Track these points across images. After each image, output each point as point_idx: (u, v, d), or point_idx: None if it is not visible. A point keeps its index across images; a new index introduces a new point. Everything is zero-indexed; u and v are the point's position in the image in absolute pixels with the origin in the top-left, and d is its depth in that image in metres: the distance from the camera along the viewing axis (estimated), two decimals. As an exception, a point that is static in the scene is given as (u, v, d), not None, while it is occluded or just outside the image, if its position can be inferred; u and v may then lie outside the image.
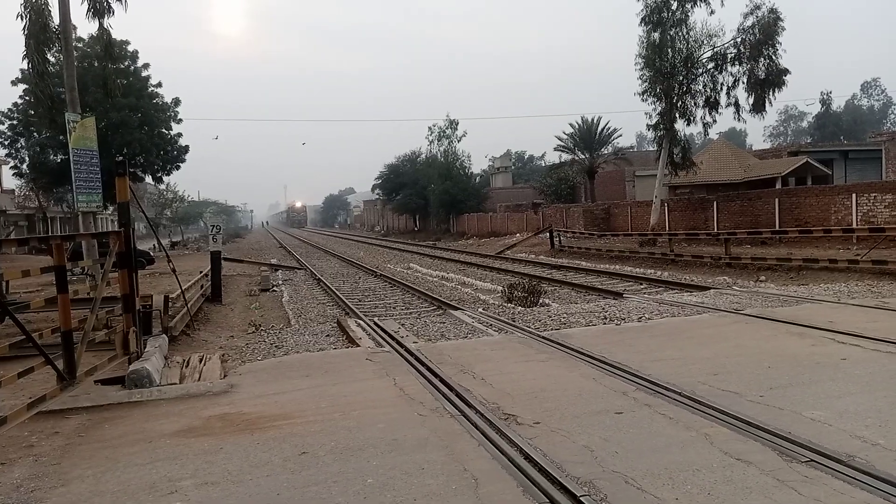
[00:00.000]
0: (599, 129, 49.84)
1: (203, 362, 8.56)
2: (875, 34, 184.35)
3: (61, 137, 24.08)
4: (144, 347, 8.28)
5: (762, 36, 25.97)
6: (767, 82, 26.40)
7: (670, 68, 27.34)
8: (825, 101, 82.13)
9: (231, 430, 5.72)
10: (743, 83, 27.01)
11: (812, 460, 4.42)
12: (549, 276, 20.20)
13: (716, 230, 26.81)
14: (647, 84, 28.12)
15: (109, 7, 18.10)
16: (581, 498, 3.98)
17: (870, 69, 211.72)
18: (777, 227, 24.66)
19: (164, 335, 9.48)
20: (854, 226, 21.62)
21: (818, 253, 19.02)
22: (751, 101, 27.08)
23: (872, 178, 33.67)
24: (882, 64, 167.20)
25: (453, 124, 60.09)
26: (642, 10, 27.43)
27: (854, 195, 22.87)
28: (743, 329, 9.20)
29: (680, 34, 27.36)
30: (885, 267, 14.85)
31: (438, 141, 61.00)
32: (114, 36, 19.90)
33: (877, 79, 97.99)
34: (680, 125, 28.59)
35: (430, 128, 61.80)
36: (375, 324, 10.94)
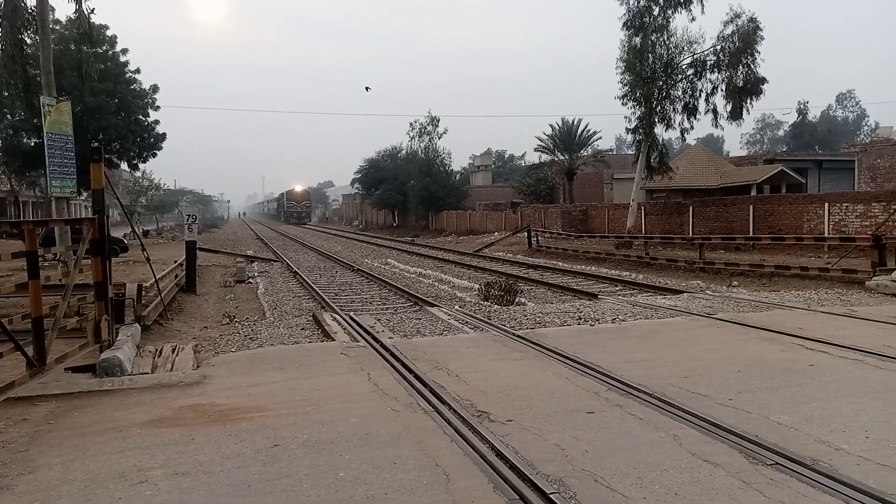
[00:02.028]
0: (579, 131, 50.15)
1: (176, 352, 8.49)
2: (851, 47, 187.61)
3: (35, 121, 23.67)
4: (116, 336, 8.20)
5: (741, 44, 26.30)
6: (745, 90, 26.75)
7: (651, 73, 27.58)
8: (801, 111, 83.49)
9: (203, 421, 5.69)
10: (721, 90, 27.34)
11: (777, 463, 4.51)
12: (525, 275, 20.30)
13: (691, 235, 27.12)
14: (627, 88, 28.32)
15: (87, -11, 17.81)
16: (551, 496, 4.03)
17: (845, 81, 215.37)
18: (751, 234, 25.00)
19: (136, 324, 9.39)
20: (826, 234, 21.99)
21: (790, 260, 19.34)
22: (729, 108, 27.43)
23: (845, 188, 34.30)
24: (857, 76, 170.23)
25: (434, 121, 60.17)
26: (624, 15, 27.62)
27: (826, 204, 23.27)
28: (714, 333, 9.34)
29: (661, 40, 27.60)
30: (854, 276, 15.13)
31: (419, 137, 61.02)
32: (92, 20, 19.61)
33: (852, 90, 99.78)
34: (659, 130, 28.85)
35: (411, 124, 61.79)
36: (351, 318, 10.93)
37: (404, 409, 5.89)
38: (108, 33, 33.90)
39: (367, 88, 36.12)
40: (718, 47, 26.89)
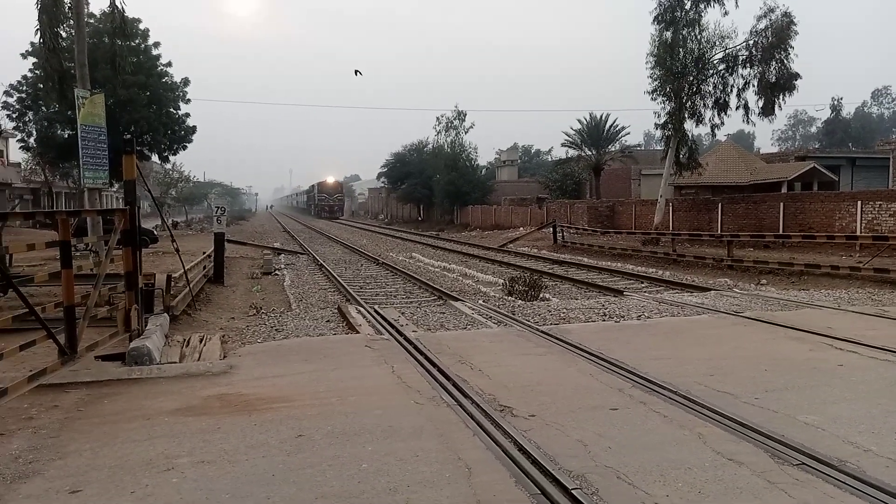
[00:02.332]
0: (607, 126, 49.72)
1: (203, 342, 8.62)
2: (887, 42, 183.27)
3: (69, 113, 24.07)
4: (146, 325, 8.34)
5: (775, 39, 25.86)
6: (778, 86, 26.31)
7: (681, 68, 27.25)
8: (835, 108, 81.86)
9: (229, 411, 5.77)
10: (753, 86, 26.94)
11: (803, 464, 4.46)
12: (550, 270, 20.22)
13: (719, 232, 26.78)
14: (657, 83, 28.02)
15: (122, -17, 18.09)
16: (573, 491, 4.02)
17: (881, 77, 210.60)
18: (781, 232, 24.63)
19: (165, 314, 9.53)
20: (858, 233, 21.59)
21: (820, 259, 19.02)
22: (760, 104, 27.01)
23: (879, 187, 33.58)
24: (894, 72, 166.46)
25: (461, 115, 59.98)
26: (655, 9, 27.32)
27: (859, 202, 22.83)
28: (741, 331, 9.22)
29: (692, 34, 27.27)
30: (886, 275, 14.84)
31: (446, 132, 60.87)
32: (125, 14, 19.90)
33: (888, 87, 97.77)
34: (688, 125, 28.51)
35: (437, 118, 61.68)
36: (376, 311, 10.98)
37: (427, 403, 5.92)
38: (141, 27, 34.38)
39: (356, 72, 35.50)
40: (751, 42, 26.49)
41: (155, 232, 31.08)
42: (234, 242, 28.72)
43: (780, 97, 26.58)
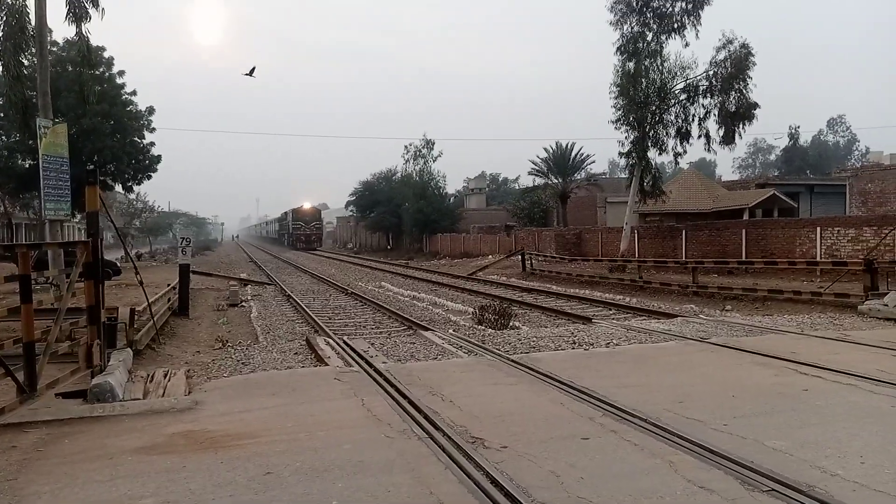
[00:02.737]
0: (573, 154, 50.43)
1: (168, 378, 8.43)
2: (842, 72, 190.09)
3: (31, 142, 23.66)
4: (108, 361, 8.13)
5: (733, 70, 26.62)
6: (738, 115, 27.03)
7: (644, 98, 27.86)
8: (793, 136, 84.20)
9: (195, 448, 5.63)
10: (714, 115, 27.65)
11: (773, 489, 4.49)
12: (519, 298, 20.30)
13: (684, 258, 27.21)
14: (620, 112, 28.59)
15: (87, 13, 17.99)
16: (546, 524, 3.99)
17: (836, 106, 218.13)
18: (744, 258, 25.11)
19: (128, 349, 9.32)
20: (818, 259, 22.11)
21: (783, 284, 19.40)
22: (721, 133, 27.71)
23: (837, 213, 34.55)
24: (848, 101, 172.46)
25: (429, 144, 60.44)
26: (618, 40, 28.00)
27: (818, 229, 23.42)
28: (709, 357, 9.33)
29: (654, 65, 27.95)
30: (846, 300, 15.18)
31: (414, 160, 61.25)
32: (90, 41, 19.74)
33: (842, 115, 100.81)
34: (652, 154, 29.11)
35: (406, 146, 62.01)
36: (345, 342, 10.88)
37: (398, 436, 5.85)
38: (105, 55, 34.08)
39: (251, 72, 34.73)
40: (711, 73, 27.23)
41: (118, 264, 30.49)
42: (199, 273, 28.33)
43: (740, 126, 27.29)
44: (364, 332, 13.97)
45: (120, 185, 38.19)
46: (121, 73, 35.11)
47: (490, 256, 42.03)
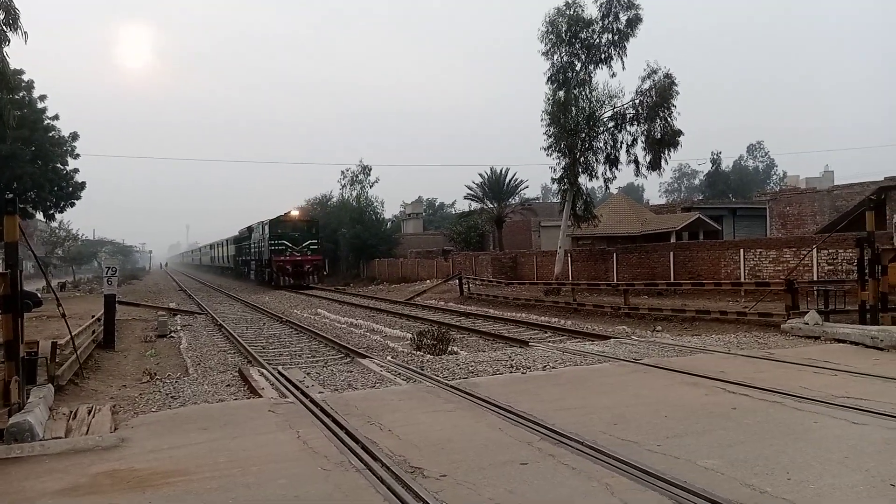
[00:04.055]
0: (507, 179, 51.35)
1: (92, 414, 8.05)
2: (759, 101, 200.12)
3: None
4: (27, 398, 7.71)
5: (658, 99, 27.60)
6: (663, 142, 27.99)
7: (574, 125, 28.61)
8: (715, 161, 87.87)
9: (121, 488, 5.38)
10: (641, 142, 28.54)
11: (705, 509, 4.60)
12: (458, 323, 20.34)
13: (615, 281, 27.86)
14: (552, 139, 29.24)
15: (6, 36, 17.34)
16: (486, 553, 3.97)
17: (755, 133, 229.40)
18: (672, 280, 25.89)
19: (49, 384, 8.87)
20: (742, 279, 22.98)
21: (710, 304, 20.07)
22: (648, 159, 28.61)
23: (758, 235, 36.13)
24: (766, 129, 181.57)
25: (366, 170, 60.42)
26: (549, 70, 28.74)
27: (742, 251, 24.40)
28: (641, 378, 9.54)
29: (583, 93, 28.78)
30: (770, 319, 15.80)
31: (351, 185, 61.05)
32: (8, 63, 18.99)
33: (761, 142, 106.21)
34: (583, 179, 29.87)
35: (343, 172, 61.73)
36: (280, 373, 10.64)
37: (335, 468, 5.74)
38: (25, 78, 32.79)
39: None
40: (637, 101, 28.15)
41: (39, 295, 29.08)
42: (126, 304, 27.32)
43: (666, 152, 28.25)
44: (300, 362, 13.71)
45: (41, 213, 36.62)
46: (42, 97, 33.81)
47: (428, 281, 42.05)
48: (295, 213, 48.43)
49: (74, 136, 35.47)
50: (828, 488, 5.00)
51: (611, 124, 28.92)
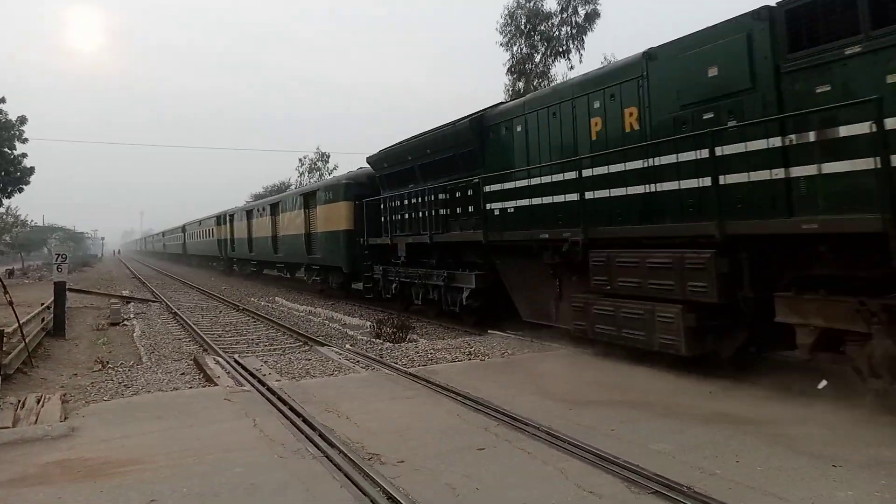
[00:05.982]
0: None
1: (41, 403, 7.86)
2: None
3: None
4: (-29, 388, 7.49)
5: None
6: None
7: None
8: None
9: (72, 478, 5.28)
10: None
11: (658, 491, 4.71)
12: (418, 310, 20.29)
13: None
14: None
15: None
16: (442, 537, 4.01)
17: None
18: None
19: (-5, 374, 8.62)
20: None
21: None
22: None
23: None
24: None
25: (324, 157, 59.77)
26: (509, 61, 28.92)
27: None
28: (600, 363, 9.68)
29: (542, 85, 28.97)
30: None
31: (309, 173, 60.35)
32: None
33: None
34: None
35: (300, 159, 60.98)
36: (236, 361, 10.54)
37: (292, 456, 5.71)
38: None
39: None
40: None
41: (-16, 282, 28.21)
42: (77, 291, 26.67)
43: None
44: (256, 350, 13.57)
45: (-13, 199, 35.46)
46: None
47: (387, 270, 41.84)
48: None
49: (23, 121, 34.39)
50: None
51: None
